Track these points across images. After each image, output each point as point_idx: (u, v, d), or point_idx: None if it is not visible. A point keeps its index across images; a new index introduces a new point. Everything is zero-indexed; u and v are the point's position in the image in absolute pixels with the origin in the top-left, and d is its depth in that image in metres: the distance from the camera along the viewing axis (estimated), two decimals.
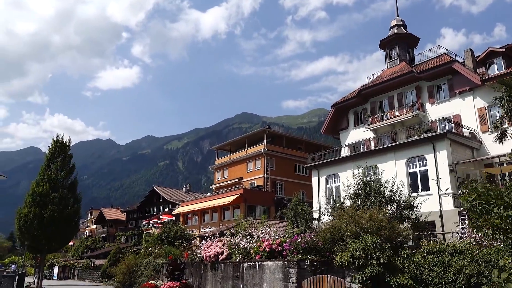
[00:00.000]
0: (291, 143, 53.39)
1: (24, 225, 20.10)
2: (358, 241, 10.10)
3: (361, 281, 9.21)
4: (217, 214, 45.79)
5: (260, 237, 15.39)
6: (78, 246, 72.83)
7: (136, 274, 29.46)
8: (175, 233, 31.82)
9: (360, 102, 36.16)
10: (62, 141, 22.47)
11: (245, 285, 14.59)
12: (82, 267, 53.43)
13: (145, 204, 75.51)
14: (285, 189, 48.26)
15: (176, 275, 18.95)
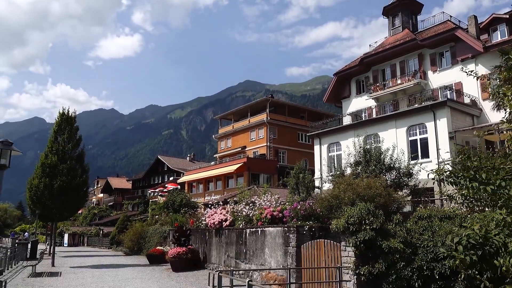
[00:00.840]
0: (294, 111, 53.56)
1: (35, 195, 20.87)
2: (353, 208, 10.63)
3: (355, 245, 9.80)
4: (221, 183, 46.66)
5: (262, 204, 16.02)
6: (86, 214, 74.54)
7: (144, 241, 30.55)
8: (181, 201, 32.67)
9: (362, 71, 36.09)
10: (68, 113, 22.92)
11: (248, 249, 15.34)
12: (91, 235, 55.04)
13: (150, 173, 76.64)
14: (287, 157, 48.86)
15: (182, 241, 19.82)
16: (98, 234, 53.08)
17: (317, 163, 33.98)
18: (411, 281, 8.93)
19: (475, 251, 4.53)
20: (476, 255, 4.50)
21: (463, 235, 4.66)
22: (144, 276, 16.91)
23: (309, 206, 13.51)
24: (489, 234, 4.56)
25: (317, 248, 11.68)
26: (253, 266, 14.61)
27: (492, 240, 4.52)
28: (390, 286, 9.17)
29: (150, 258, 23.28)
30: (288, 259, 12.82)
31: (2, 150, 8.90)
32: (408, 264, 9.09)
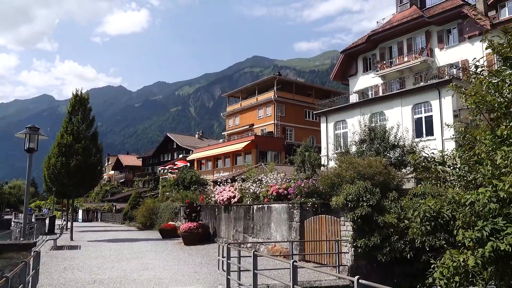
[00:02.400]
0: (301, 89, 53.80)
1: (53, 173, 21.93)
2: (352, 186, 11.37)
3: (353, 220, 10.59)
4: (229, 160, 47.50)
5: (268, 182, 16.85)
6: (99, 191, 76.32)
7: (156, 216, 31.74)
8: (191, 178, 33.68)
9: (369, 48, 36.14)
10: (81, 94, 23.72)
11: (255, 224, 16.26)
12: (104, 211, 56.75)
13: (160, 150, 77.84)
14: (295, 135, 49.45)
15: (193, 216, 20.82)
16: (111, 210, 54.72)
17: (323, 141, 34.61)
18: (403, 252, 9.72)
19: (430, 222, 5.41)
20: (430, 225, 5.37)
21: (421, 210, 5.52)
22: (158, 249, 18.00)
23: (312, 184, 14.29)
24: (442, 209, 5.39)
25: (319, 223, 12.53)
26: (260, 240, 15.55)
27: (443, 214, 5.37)
28: (384, 257, 9.99)
29: (163, 233, 24.42)
30: (292, 233, 13.70)
31: (30, 135, 9.76)
32: (401, 238, 9.86)
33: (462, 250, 5.27)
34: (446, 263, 5.12)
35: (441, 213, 5.68)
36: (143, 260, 14.34)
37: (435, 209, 5.70)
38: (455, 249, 5.26)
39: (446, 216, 5.65)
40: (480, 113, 6.23)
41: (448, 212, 5.71)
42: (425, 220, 5.71)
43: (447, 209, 5.74)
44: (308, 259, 12.84)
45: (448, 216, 5.66)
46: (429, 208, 5.76)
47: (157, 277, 10.86)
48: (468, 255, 4.99)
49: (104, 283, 10.17)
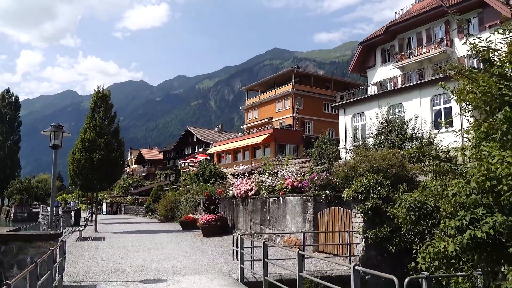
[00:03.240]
0: (320, 82, 53.74)
1: (77, 167, 22.84)
2: (362, 178, 11.61)
3: (363, 211, 10.85)
4: (248, 153, 47.98)
5: (284, 175, 17.19)
6: (122, 184, 78.07)
7: (176, 209, 32.52)
8: (210, 171, 34.30)
9: (388, 39, 35.82)
10: (103, 91, 24.51)
11: (271, 216, 16.66)
12: (127, 203, 58.20)
13: (180, 144, 79.00)
14: (313, 127, 49.53)
15: (212, 209, 21.36)
16: (133, 203, 56.08)
17: (341, 134, 34.69)
18: (413, 243, 9.93)
19: (414, 212, 5.79)
20: (414, 215, 5.75)
21: (407, 201, 5.91)
22: (178, 240, 18.63)
23: (326, 177, 14.57)
24: (426, 200, 5.74)
25: (332, 214, 12.83)
26: (276, 231, 15.95)
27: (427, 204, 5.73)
28: (394, 248, 10.24)
29: (183, 225, 25.10)
30: (306, 225, 14.04)
31: (55, 132, 10.38)
32: (411, 229, 10.06)
33: (444, 237, 5.66)
34: (427, 249, 5.55)
35: (425, 204, 6.13)
36: (163, 250, 14.95)
37: (419, 200, 6.16)
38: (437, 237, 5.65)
39: (430, 206, 6.12)
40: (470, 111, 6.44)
41: (431, 203, 6.15)
42: (410, 210, 6.18)
43: (431, 200, 6.16)
44: (322, 249, 13.18)
45: (432, 207, 6.13)
46: (414, 200, 6.24)
47: (175, 266, 11.39)
48: (449, 242, 5.38)
49: (126, 271, 10.76)
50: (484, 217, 5.16)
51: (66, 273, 9.77)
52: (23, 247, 8.03)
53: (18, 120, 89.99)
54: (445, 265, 5.39)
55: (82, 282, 9.43)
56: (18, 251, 8.03)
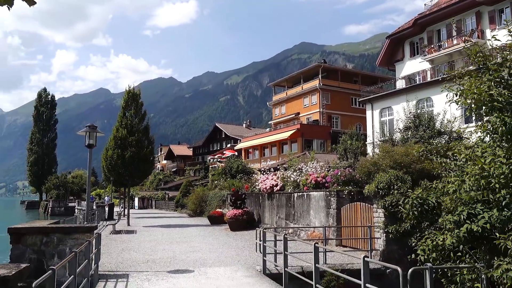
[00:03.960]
0: (347, 76, 53.35)
1: (110, 164, 23.91)
2: (383, 174, 11.77)
3: (384, 206, 11.03)
4: (276, 149, 48.34)
5: (308, 171, 17.48)
6: (153, 180, 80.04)
7: (205, 204, 33.31)
8: (237, 167, 34.91)
9: (416, 32, 35.25)
10: (133, 90, 25.46)
11: (296, 211, 17.01)
12: (158, 198, 59.77)
13: (209, 140, 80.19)
14: (341, 122, 49.32)
15: (238, 204, 21.91)
16: (164, 198, 57.55)
17: (369, 129, 34.47)
18: None
19: (417, 208, 6.03)
20: (417, 211, 5.99)
21: (410, 198, 6.16)
22: (205, 234, 19.28)
23: (349, 173, 14.77)
24: (428, 197, 5.96)
25: (354, 210, 13.07)
26: (301, 226, 16.29)
27: (428, 201, 5.95)
28: (414, 242, 10.37)
29: (211, 219, 25.79)
30: (329, 220, 14.32)
31: (90, 133, 11.13)
32: (431, 224, 10.18)
33: (443, 231, 5.89)
34: (426, 242, 5.82)
35: (427, 200, 6.37)
36: (191, 243, 15.58)
37: (421, 197, 6.40)
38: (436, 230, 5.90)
39: (431, 202, 6.35)
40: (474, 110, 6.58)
41: (433, 199, 6.38)
42: (413, 206, 6.44)
43: (433, 197, 6.40)
44: (345, 244, 13.44)
45: (433, 203, 6.36)
46: (416, 196, 6.49)
47: (202, 258, 11.95)
48: (447, 236, 5.62)
49: (155, 262, 11.40)
50: (481, 212, 5.39)
51: (101, 263, 10.49)
52: (62, 239, 8.74)
53: (54, 118, 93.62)
54: (442, 256, 5.67)
55: (116, 271, 10.11)
56: (58, 242, 8.74)
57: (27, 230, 8.70)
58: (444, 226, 5.94)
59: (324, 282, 9.67)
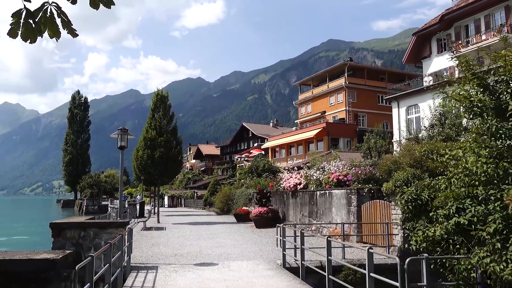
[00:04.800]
0: (373, 74, 53.02)
1: (140, 164, 24.98)
2: (400, 172, 12.06)
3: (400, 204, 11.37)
4: (302, 147, 48.65)
5: (331, 169, 17.85)
6: (182, 179, 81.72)
7: (232, 202, 34.05)
8: (263, 166, 35.50)
9: (443, 28, 34.78)
10: (162, 93, 26.46)
11: (319, 209, 17.42)
12: (187, 197, 61.13)
13: (236, 139, 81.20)
14: (367, 120, 49.12)
15: (263, 202, 22.47)
16: (193, 196, 58.81)
17: (395, 127, 34.34)
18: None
19: (411, 203, 6.43)
20: (411, 205, 6.39)
21: (405, 193, 6.58)
22: (231, 231, 19.97)
23: (369, 171, 15.08)
24: (421, 193, 6.35)
25: (374, 207, 13.40)
26: (323, 223, 16.71)
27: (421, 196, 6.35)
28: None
29: (237, 217, 26.48)
30: (350, 217, 14.69)
31: (121, 135, 11.98)
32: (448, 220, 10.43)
33: (435, 224, 6.29)
34: (418, 233, 6.24)
35: (421, 196, 6.79)
36: (217, 239, 16.28)
37: (416, 193, 6.82)
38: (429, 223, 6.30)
39: (424, 198, 6.76)
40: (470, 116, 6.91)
41: (426, 195, 6.79)
42: (408, 201, 6.87)
43: (426, 193, 6.80)
44: (365, 240, 13.79)
45: (426, 198, 6.77)
46: (410, 192, 6.93)
47: (226, 253, 12.61)
48: (437, 228, 6.02)
49: (183, 256, 12.13)
50: (469, 207, 5.77)
51: (133, 256, 11.29)
52: (98, 233, 9.55)
53: (88, 120, 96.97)
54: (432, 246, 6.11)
55: (146, 264, 10.89)
56: (94, 236, 9.56)
57: (66, 225, 9.57)
58: (436, 219, 6.37)
59: (342, 276, 10.11)
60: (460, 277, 5.79)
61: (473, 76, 6.89)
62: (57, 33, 3.60)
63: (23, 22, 3.36)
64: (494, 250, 5.12)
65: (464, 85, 6.77)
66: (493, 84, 6.61)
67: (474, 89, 6.57)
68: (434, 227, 6.40)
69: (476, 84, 6.55)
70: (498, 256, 5.01)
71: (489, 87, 6.52)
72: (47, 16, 3.45)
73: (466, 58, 7.33)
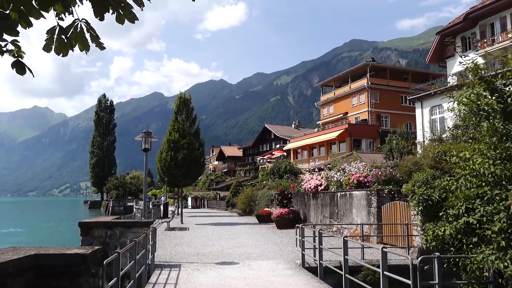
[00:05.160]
0: (396, 74, 52.41)
1: (164, 166, 25.58)
2: (419, 173, 12.05)
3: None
4: (324, 149, 48.53)
5: (351, 171, 17.90)
6: (205, 180, 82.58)
7: (254, 203, 34.35)
8: (285, 167, 35.66)
9: (468, 27, 34.25)
10: (184, 96, 27.02)
11: (339, 210, 17.49)
12: (210, 198, 61.80)
13: (258, 141, 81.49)
14: (390, 121, 48.60)
15: (284, 203, 22.66)
16: (215, 197, 59.43)
17: (418, 127, 33.92)
18: None
19: (422, 203, 6.53)
20: (423, 205, 6.49)
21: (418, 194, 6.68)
22: (252, 231, 20.24)
23: (389, 172, 15.08)
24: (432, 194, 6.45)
25: (394, 208, 13.42)
26: (344, 224, 16.77)
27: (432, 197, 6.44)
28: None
29: (259, 218, 26.74)
30: (370, 218, 14.73)
31: (145, 138, 12.43)
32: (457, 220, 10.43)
33: (445, 223, 6.37)
34: (428, 233, 6.34)
35: (431, 197, 6.89)
36: (239, 240, 16.57)
37: (427, 194, 6.92)
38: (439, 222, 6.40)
39: (435, 198, 6.86)
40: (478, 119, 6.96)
41: (436, 196, 6.88)
42: (419, 201, 6.99)
43: (437, 193, 6.89)
44: (386, 241, 13.80)
45: (437, 199, 6.86)
46: (422, 193, 7.04)
47: (247, 253, 12.88)
48: (447, 227, 6.11)
49: (205, 255, 12.47)
50: (479, 207, 5.86)
51: (157, 255, 11.69)
52: (124, 232, 9.98)
53: (113, 123, 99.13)
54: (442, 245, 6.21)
55: (170, 262, 11.27)
56: (120, 235, 9.99)
57: (94, 224, 10.04)
58: (446, 219, 6.47)
59: (361, 276, 10.22)
60: (472, 276, 5.88)
61: (480, 80, 6.96)
62: (86, 46, 3.91)
63: (56, 37, 3.68)
64: (499, 248, 5.24)
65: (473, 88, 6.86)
66: (501, 87, 6.66)
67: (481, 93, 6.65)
68: (444, 226, 6.55)
69: (484, 88, 6.62)
70: (503, 254, 5.12)
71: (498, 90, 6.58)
72: (78, 31, 3.77)
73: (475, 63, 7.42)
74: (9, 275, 3.77)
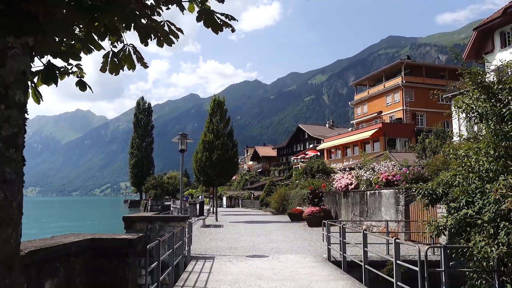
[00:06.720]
0: (432, 71, 51.46)
1: (200, 166, 26.70)
2: (445, 172, 12.29)
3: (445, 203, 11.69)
4: (357, 148, 48.37)
5: (380, 170, 18.20)
6: (240, 180, 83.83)
7: (287, 202, 34.96)
8: (317, 167, 36.03)
9: (507, 21, 33.32)
10: (218, 98, 28.05)
11: (369, 208, 17.85)
12: (244, 198, 62.90)
13: (292, 141, 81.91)
14: (426, 119, 47.82)
15: (316, 201, 23.16)
16: (250, 197, 60.43)
17: (455, 125, 33.39)
18: None
19: (427, 197, 6.96)
20: (427, 199, 6.93)
21: (422, 189, 7.13)
22: (284, 229, 20.90)
23: (418, 171, 15.31)
24: (437, 188, 6.86)
25: (421, 206, 13.68)
26: (373, 222, 17.13)
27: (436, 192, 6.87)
28: None
29: (291, 216, 27.34)
30: (398, 216, 15.04)
31: (181, 140, 13.39)
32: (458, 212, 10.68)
33: (447, 215, 6.83)
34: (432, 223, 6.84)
35: (436, 191, 7.32)
36: (270, 236, 17.29)
37: (432, 189, 7.36)
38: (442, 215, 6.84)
39: (439, 193, 7.28)
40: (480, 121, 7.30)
41: (440, 190, 7.30)
42: (424, 195, 7.44)
43: (440, 188, 7.31)
44: (413, 238, 14.11)
45: (440, 193, 7.28)
46: (427, 187, 7.49)
47: (277, 247, 13.57)
48: (449, 218, 6.59)
49: (237, 249, 13.27)
50: (479, 201, 6.30)
51: (193, 248, 12.61)
52: (163, 226, 10.91)
53: (151, 124, 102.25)
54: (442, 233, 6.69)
55: (205, 254, 12.15)
56: (159, 229, 10.92)
57: (136, 218, 11.03)
58: (448, 211, 6.95)
59: (385, 271, 10.67)
60: (477, 264, 6.30)
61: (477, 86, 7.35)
62: (133, 66, 4.76)
63: (110, 60, 4.55)
64: (489, 235, 5.69)
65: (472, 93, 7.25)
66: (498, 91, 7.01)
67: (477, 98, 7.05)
68: (446, 217, 7.05)
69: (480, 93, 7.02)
70: (492, 240, 5.57)
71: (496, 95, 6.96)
72: (126, 54, 4.63)
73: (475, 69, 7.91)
74: (72, 255, 4.65)
